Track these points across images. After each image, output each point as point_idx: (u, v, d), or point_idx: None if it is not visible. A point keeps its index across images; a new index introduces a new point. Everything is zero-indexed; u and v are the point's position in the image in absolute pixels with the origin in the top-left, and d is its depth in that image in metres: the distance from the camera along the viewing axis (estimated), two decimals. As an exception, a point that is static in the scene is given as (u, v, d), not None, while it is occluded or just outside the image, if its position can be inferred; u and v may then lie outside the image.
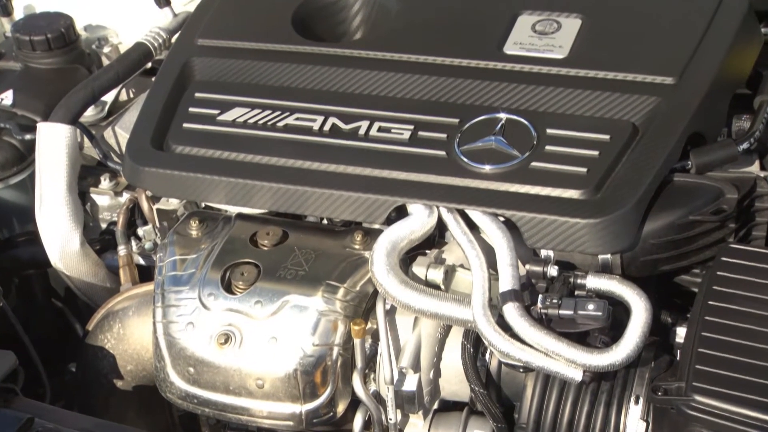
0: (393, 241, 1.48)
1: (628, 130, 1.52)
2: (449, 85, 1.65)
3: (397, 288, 1.43)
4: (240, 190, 1.59)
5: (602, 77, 1.60)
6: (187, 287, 1.53)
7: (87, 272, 1.80)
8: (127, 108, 1.98)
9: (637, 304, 1.39)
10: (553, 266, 1.43)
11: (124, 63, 1.89)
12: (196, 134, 1.67)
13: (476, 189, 1.50)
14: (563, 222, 1.43)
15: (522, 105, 1.59)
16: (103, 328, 1.69)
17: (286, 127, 1.64)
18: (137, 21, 2.12)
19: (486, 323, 1.39)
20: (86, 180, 1.90)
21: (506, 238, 1.46)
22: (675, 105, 1.54)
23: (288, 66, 1.73)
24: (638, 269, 1.47)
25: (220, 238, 1.59)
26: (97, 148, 1.86)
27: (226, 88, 1.72)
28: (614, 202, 1.44)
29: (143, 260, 1.81)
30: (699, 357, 1.29)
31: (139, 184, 1.69)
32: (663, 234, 1.45)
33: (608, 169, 1.48)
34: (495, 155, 1.53)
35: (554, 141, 1.53)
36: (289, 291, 1.49)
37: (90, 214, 1.90)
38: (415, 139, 1.58)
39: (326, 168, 1.57)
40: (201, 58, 1.79)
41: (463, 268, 1.51)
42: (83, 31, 2.15)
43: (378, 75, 1.68)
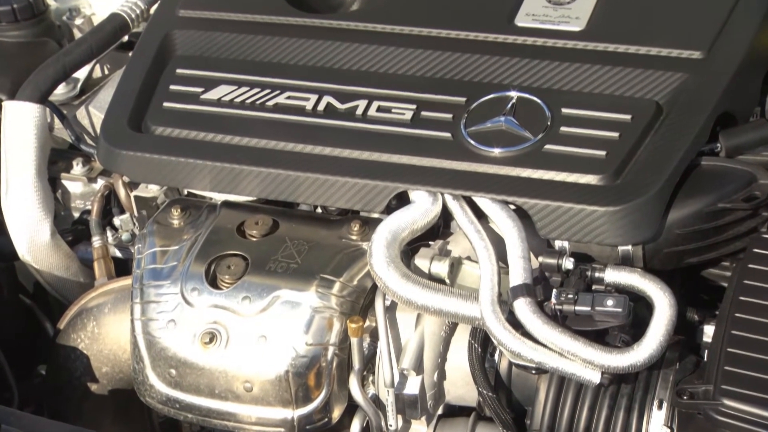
0: (393, 231, 1.48)
1: (651, 110, 1.52)
2: (455, 60, 1.64)
3: (397, 282, 1.44)
4: (226, 176, 1.59)
5: (623, 52, 1.60)
6: (168, 281, 1.53)
7: (58, 265, 1.80)
8: (101, 85, 1.97)
9: (660, 299, 1.39)
10: (568, 258, 1.43)
11: (98, 36, 1.88)
12: (178, 114, 1.66)
13: (484, 174, 1.50)
14: (580, 210, 1.43)
15: (535, 82, 1.59)
16: (75, 326, 1.69)
17: (276, 107, 1.64)
18: (112, -10, 2.11)
19: (495, 320, 1.39)
20: (57, 164, 1.90)
21: (517, 228, 1.46)
22: (703, 82, 1.54)
23: (278, 39, 1.73)
24: (662, 262, 1.47)
25: (204, 228, 1.59)
26: (69, 129, 1.86)
27: (210, 64, 1.72)
28: (636, 188, 1.44)
29: (120, 252, 1.81)
30: (728, 357, 1.29)
31: (115, 168, 1.69)
32: (689, 223, 1.45)
33: (629, 153, 1.48)
34: (505, 137, 1.53)
35: (570, 121, 1.53)
36: (279, 286, 1.49)
37: (61, 202, 1.90)
38: (417, 119, 1.58)
39: (320, 151, 1.57)
40: (183, 31, 1.79)
41: (470, 260, 1.51)
42: (53, 1, 2.14)
43: (377, 49, 1.68)
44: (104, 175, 1.87)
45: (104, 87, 1.95)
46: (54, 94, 1.85)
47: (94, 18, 2.12)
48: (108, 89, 1.92)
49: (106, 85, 1.96)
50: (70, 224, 1.89)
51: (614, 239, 1.44)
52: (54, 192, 1.85)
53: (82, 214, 1.88)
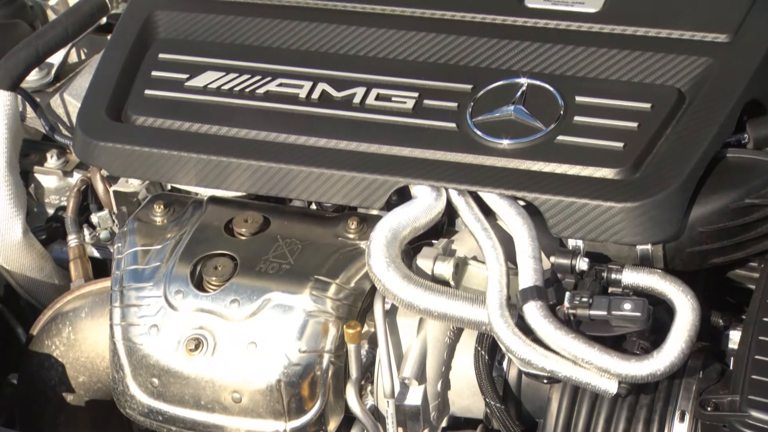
0: (394, 228, 1.48)
1: (673, 98, 1.53)
2: (461, 44, 1.65)
3: (398, 284, 1.44)
4: (213, 169, 1.59)
5: (642, 35, 1.60)
6: (151, 284, 1.53)
7: (30, 266, 1.80)
8: (77, 71, 1.98)
9: (682, 303, 1.39)
10: (582, 258, 1.43)
11: (74, 18, 1.89)
12: (161, 103, 1.67)
13: (492, 168, 1.51)
14: (595, 206, 1.44)
15: (547, 68, 1.60)
16: (50, 332, 1.69)
17: (267, 95, 1.65)
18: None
19: (503, 325, 1.40)
20: (29, 157, 1.90)
21: (527, 226, 1.46)
22: (728, 68, 1.54)
23: (270, 22, 1.73)
24: (684, 262, 1.48)
25: (189, 226, 1.59)
26: (42, 118, 1.86)
27: (195, 48, 1.73)
28: (656, 182, 1.44)
29: (98, 252, 1.82)
30: (756, 365, 1.30)
31: (93, 161, 1.69)
32: (714, 220, 1.46)
33: (649, 144, 1.48)
34: (514, 128, 1.53)
35: (585, 111, 1.53)
36: (270, 288, 1.50)
37: (34, 198, 1.91)
38: (420, 108, 1.58)
39: (315, 143, 1.58)
40: (166, 12, 1.79)
41: (477, 260, 1.51)
42: (25, -20, 2.15)
43: (376, 33, 1.68)
44: (81, 168, 1.88)
45: (81, 73, 1.96)
46: (26, 81, 1.86)
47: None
48: (85, 75, 1.92)
49: (83, 71, 1.97)
50: (43, 221, 1.89)
51: (632, 238, 1.44)
52: (26, 187, 1.86)
53: (57, 211, 1.89)
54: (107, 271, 1.73)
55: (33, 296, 1.83)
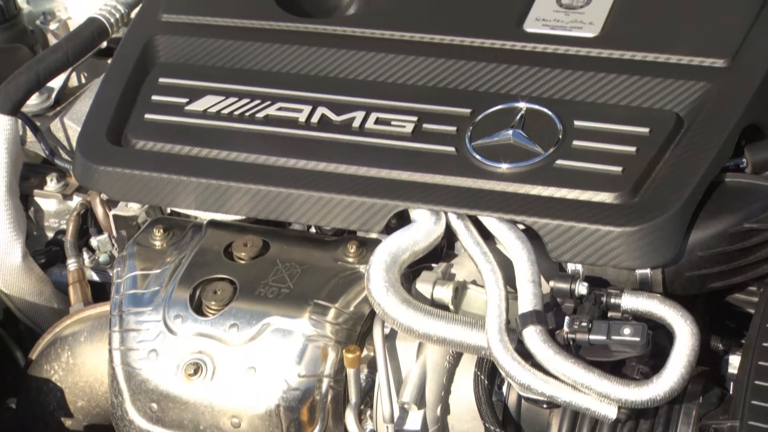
0: (393, 252, 1.48)
1: (671, 122, 1.53)
2: (459, 69, 1.66)
3: (397, 309, 1.44)
4: (213, 193, 1.60)
5: (640, 59, 1.61)
6: (150, 308, 1.53)
7: (30, 290, 1.80)
8: (78, 95, 1.99)
9: (681, 327, 1.39)
10: (582, 283, 1.43)
11: (75, 42, 1.89)
12: (161, 127, 1.67)
13: (491, 192, 1.51)
14: (594, 230, 1.44)
15: (545, 92, 1.60)
16: (49, 356, 1.69)
17: (267, 119, 1.65)
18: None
19: (503, 350, 1.40)
20: (29, 180, 1.90)
21: (526, 250, 1.47)
22: (727, 92, 1.55)
23: (269, 46, 1.74)
24: (683, 286, 1.48)
25: (188, 250, 1.59)
26: (43, 142, 1.87)
27: (195, 73, 1.73)
28: (655, 207, 1.45)
29: (97, 276, 1.82)
30: (756, 391, 1.30)
31: (93, 185, 1.70)
32: (713, 245, 1.46)
33: (647, 168, 1.49)
34: (513, 152, 1.54)
35: (583, 135, 1.54)
36: (270, 312, 1.50)
37: (33, 221, 1.91)
38: (419, 132, 1.59)
39: (314, 167, 1.58)
40: (166, 37, 1.80)
41: (476, 284, 1.51)
42: (25, 4, 2.16)
43: (375, 57, 1.69)
44: (80, 191, 1.88)
45: (81, 97, 1.97)
46: (27, 105, 1.86)
47: (70, 22, 2.13)
48: (85, 99, 1.93)
49: (83, 95, 1.97)
50: (43, 245, 1.90)
51: (631, 262, 1.45)
52: (26, 210, 1.86)
53: (57, 235, 1.89)
54: (106, 294, 1.73)
55: (32, 320, 1.83)
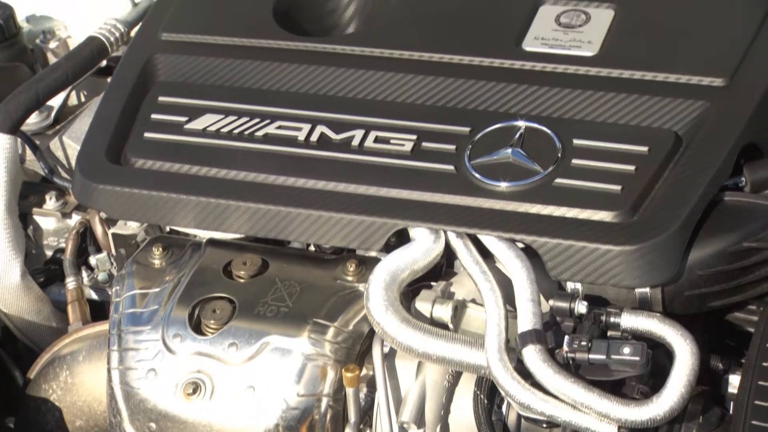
0: (392, 271, 1.48)
1: (670, 141, 1.54)
2: (458, 87, 1.66)
3: (397, 327, 1.44)
4: (212, 212, 1.60)
5: (639, 78, 1.61)
6: (149, 327, 1.53)
7: (28, 309, 1.80)
8: (77, 114, 1.99)
9: (681, 347, 1.39)
10: (581, 302, 1.43)
11: (74, 61, 1.90)
12: (160, 145, 1.68)
13: (490, 210, 1.51)
14: (593, 249, 1.44)
15: (544, 111, 1.61)
16: (47, 375, 1.69)
17: (266, 137, 1.66)
18: (90, 11, 2.13)
19: (502, 369, 1.40)
20: (28, 199, 1.91)
21: (526, 269, 1.47)
22: (725, 111, 1.55)
23: (269, 65, 1.75)
24: (683, 305, 1.48)
25: (187, 269, 1.59)
26: (42, 161, 1.87)
27: (195, 91, 1.74)
28: (654, 225, 1.45)
29: (96, 294, 1.82)
30: (756, 411, 1.29)
31: (92, 204, 1.70)
32: (712, 264, 1.46)
33: (646, 187, 1.49)
34: (512, 170, 1.54)
35: (582, 153, 1.54)
36: (269, 331, 1.50)
37: (32, 240, 1.91)
38: (418, 151, 1.59)
39: (314, 185, 1.59)
40: (165, 56, 1.80)
41: (476, 303, 1.51)
42: (25, 23, 2.16)
43: (375, 76, 1.70)
44: (79, 210, 1.89)
45: (80, 116, 1.97)
46: (26, 123, 1.87)
47: (69, 41, 2.14)
48: (84, 118, 1.93)
49: (83, 113, 1.98)
50: (42, 264, 1.90)
51: (631, 281, 1.45)
52: (25, 229, 1.86)
53: (56, 253, 1.89)
54: (105, 313, 1.73)
55: (30, 339, 1.83)
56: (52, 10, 2.19)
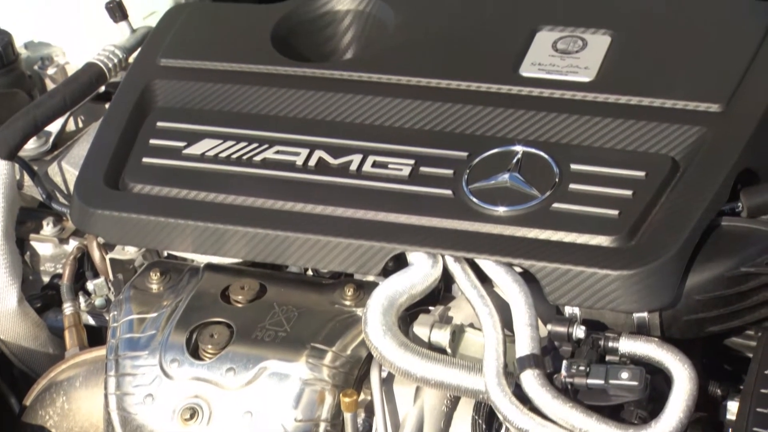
0: (390, 296, 1.49)
1: (667, 166, 1.54)
2: (456, 112, 1.67)
3: (395, 352, 1.44)
4: (210, 236, 1.60)
5: (635, 104, 1.62)
6: (146, 352, 1.53)
7: (25, 335, 1.80)
8: (75, 140, 1.99)
9: (679, 372, 1.39)
10: (579, 326, 1.43)
11: (73, 87, 1.91)
12: (158, 170, 1.68)
13: (488, 235, 1.52)
14: (591, 274, 1.45)
15: (542, 136, 1.62)
16: (44, 401, 1.69)
17: (264, 162, 1.66)
18: (88, 37, 2.14)
19: (500, 394, 1.40)
20: (26, 224, 1.91)
21: (524, 293, 1.47)
22: (722, 137, 1.56)
23: (267, 90, 1.76)
24: (681, 330, 1.48)
25: (185, 294, 1.59)
26: (40, 186, 1.87)
27: (193, 116, 1.75)
28: (651, 250, 1.45)
29: (93, 320, 1.82)
30: (754, 436, 1.30)
31: (90, 229, 1.70)
32: (710, 289, 1.46)
33: (644, 212, 1.50)
34: (510, 195, 1.55)
35: (580, 178, 1.55)
36: (266, 356, 1.50)
37: (29, 266, 1.91)
38: (416, 175, 1.60)
39: (312, 210, 1.59)
40: (164, 81, 1.81)
41: (474, 328, 1.52)
42: (23, 49, 2.17)
43: (372, 101, 1.70)
44: (77, 235, 1.88)
45: (78, 141, 1.97)
46: (24, 149, 1.87)
47: (68, 67, 2.15)
48: (83, 144, 1.93)
49: (81, 139, 1.98)
50: (39, 289, 1.89)
51: (629, 306, 1.45)
52: (22, 254, 1.86)
53: (53, 279, 1.89)
54: (102, 339, 1.72)
55: (27, 365, 1.82)
56: (51, 37, 2.20)
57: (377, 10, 1.88)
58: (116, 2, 2.00)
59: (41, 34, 2.20)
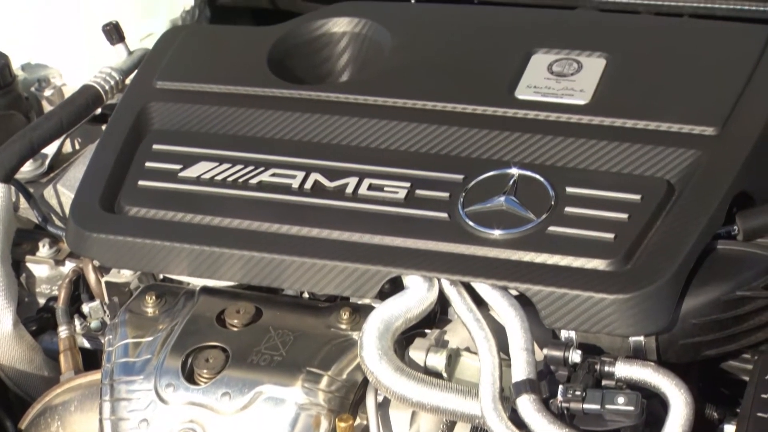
0: (386, 320, 1.49)
1: (662, 189, 1.55)
2: (452, 135, 1.67)
3: (390, 376, 1.44)
4: (205, 260, 1.60)
5: (631, 127, 1.63)
6: (141, 377, 1.53)
7: (20, 358, 1.79)
8: (71, 162, 1.99)
9: (676, 396, 1.39)
10: (575, 351, 1.43)
11: (69, 109, 1.91)
12: (154, 193, 1.68)
13: (484, 258, 1.52)
14: (587, 298, 1.45)
15: (537, 159, 1.62)
16: (39, 426, 1.68)
17: (260, 185, 1.66)
18: (85, 59, 2.15)
19: (497, 419, 1.40)
20: (21, 246, 1.90)
21: (520, 317, 1.47)
22: (717, 160, 1.56)
23: (263, 113, 1.76)
24: (677, 354, 1.48)
25: (181, 317, 1.59)
26: (36, 209, 1.87)
27: (189, 139, 1.75)
28: (647, 274, 1.45)
29: (88, 343, 1.81)
30: (751, 460, 1.29)
31: (85, 252, 1.70)
32: (706, 312, 1.46)
33: (639, 235, 1.50)
34: (506, 218, 1.55)
35: (575, 201, 1.55)
36: (262, 380, 1.49)
37: (25, 288, 1.90)
38: (412, 198, 1.60)
39: (308, 233, 1.59)
40: (160, 104, 1.81)
41: (470, 352, 1.51)
42: (20, 71, 2.17)
43: (368, 123, 1.71)
44: (73, 257, 1.88)
45: (74, 164, 1.97)
46: (20, 171, 1.86)
47: (65, 89, 2.15)
48: (79, 166, 1.93)
49: (77, 161, 1.98)
50: (34, 311, 1.88)
51: (625, 329, 1.45)
52: (17, 276, 1.86)
53: (48, 301, 1.88)
54: (98, 362, 1.72)
55: (22, 389, 1.81)
56: (48, 58, 2.20)
57: (373, 33, 1.89)
58: (113, 24, 2.01)
59: (38, 56, 2.20)
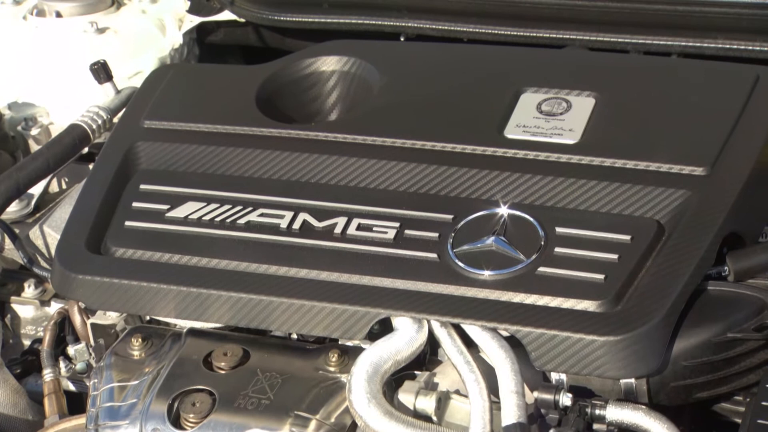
0: (375, 362, 1.48)
1: (652, 230, 1.55)
2: (441, 174, 1.68)
3: (379, 420, 1.43)
4: (192, 301, 1.60)
5: (620, 167, 1.63)
6: (127, 422, 1.51)
7: (4, 402, 1.78)
8: (58, 202, 1.99)
9: (667, 439, 1.39)
10: (566, 393, 1.43)
11: (56, 149, 1.91)
12: (141, 234, 1.68)
13: (474, 299, 1.51)
14: (577, 339, 1.44)
15: (526, 199, 1.62)
16: (22, 470, 1.67)
17: (248, 225, 1.66)
18: (72, 98, 2.15)
19: (487, 464, 1.39)
20: (6, 287, 1.90)
21: (510, 359, 1.46)
22: (707, 200, 1.56)
23: (251, 152, 1.76)
24: (668, 397, 1.48)
25: (167, 360, 1.58)
26: (21, 250, 1.86)
27: (177, 179, 1.75)
28: (638, 315, 1.45)
29: (73, 386, 1.80)
30: (744, 505, 1.29)
31: (71, 294, 1.69)
32: (697, 354, 1.46)
33: (629, 276, 1.50)
34: (495, 259, 1.55)
35: (565, 242, 1.55)
36: (250, 424, 1.48)
37: (10, 329, 1.90)
38: (401, 239, 1.60)
39: (296, 274, 1.59)
40: (148, 143, 1.82)
41: (460, 394, 1.51)
42: (7, 110, 2.18)
43: (357, 163, 1.71)
44: (58, 297, 1.87)
45: (61, 204, 1.97)
46: (5, 212, 1.87)
47: (52, 128, 2.15)
48: (65, 206, 1.93)
49: (63, 201, 1.98)
50: (19, 353, 1.87)
51: (615, 372, 1.45)
52: (2, 317, 1.85)
53: (33, 343, 1.87)
54: (83, 405, 1.70)
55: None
56: (35, 97, 2.20)
57: (362, 71, 1.90)
58: (101, 63, 2.02)
59: (25, 95, 2.21)
